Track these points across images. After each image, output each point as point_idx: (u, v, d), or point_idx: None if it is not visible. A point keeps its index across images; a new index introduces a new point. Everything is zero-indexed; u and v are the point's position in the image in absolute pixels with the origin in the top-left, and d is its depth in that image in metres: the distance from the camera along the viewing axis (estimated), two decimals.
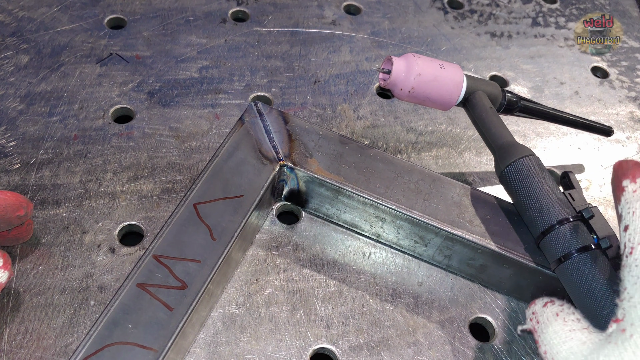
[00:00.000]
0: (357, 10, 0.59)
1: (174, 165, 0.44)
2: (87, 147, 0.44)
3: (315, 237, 0.42)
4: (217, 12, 0.56)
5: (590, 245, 0.34)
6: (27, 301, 0.36)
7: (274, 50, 0.54)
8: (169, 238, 0.35)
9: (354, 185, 0.39)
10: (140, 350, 0.31)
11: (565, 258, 0.34)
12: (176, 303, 0.33)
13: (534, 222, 0.36)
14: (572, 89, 0.56)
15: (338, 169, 0.40)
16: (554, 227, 0.35)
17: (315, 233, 0.42)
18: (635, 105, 0.56)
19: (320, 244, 0.41)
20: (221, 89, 0.50)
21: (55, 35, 0.51)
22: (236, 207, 0.37)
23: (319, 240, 0.42)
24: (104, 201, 0.41)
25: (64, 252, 0.39)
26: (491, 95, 0.42)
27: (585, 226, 0.35)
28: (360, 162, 0.41)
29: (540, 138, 0.51)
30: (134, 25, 0.53)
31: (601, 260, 0.34)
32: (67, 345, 0.35)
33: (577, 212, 0.36)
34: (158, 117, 0.47)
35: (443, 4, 0.62)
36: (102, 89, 0.48)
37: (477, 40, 0.59)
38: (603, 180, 0.49)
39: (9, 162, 0.42)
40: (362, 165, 0.40)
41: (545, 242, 0.36)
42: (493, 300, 0.41)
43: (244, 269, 0.39)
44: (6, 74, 0.48)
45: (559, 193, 0.37)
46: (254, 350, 0.36)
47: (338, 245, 0.42)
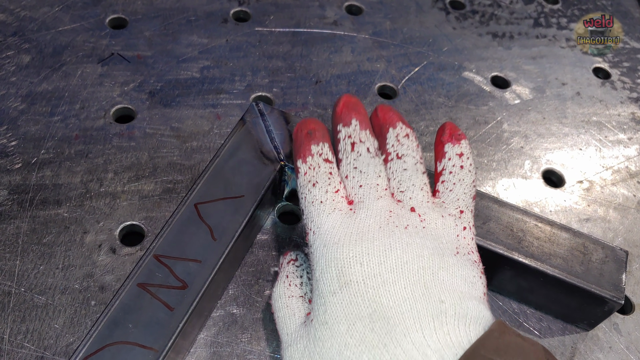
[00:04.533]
0: (359, 10, 0.59)
1: (175, 165, 0.44)
2: (88, 147, 0.44)
3: None
4: (218, 12, 0.56)
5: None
6: (28, 301, 0.36)
7: (275, 50, 0.54)
8: (169, 238, 0.35)
9: None
10: (140, 350, 0.31)
11: None
12: (177, 303, 0.33)
13: None
14: (573, 90, 0.56)
15: None
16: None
17: None
18: (637, 106, 0.56)
19: None
20: (222, 89, 0.50)
21: (56, 35, 0.51)
22: (237, 207, 0.37)
23: None
24: (105, 201, 0.41)
25: (65, 252, 0.39)
26: None
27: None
28: None
29: (542, 139, 0.51)
30: (135, 25, 0.53)
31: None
32: (68, 345, 0.35)
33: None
34: (159, 117, 0.47)
35: (445, 4, 0.62)
36: (103, 89, 0.48)
37: (478, 40, 0.59)
38: (604, 182, 0.49)
39: (10, 162, 0.42)
40: None
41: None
42: (494, 301, 0.41)
43: (244, 269, 0.39)
44: (7, 74, 0.48)
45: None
46: (255, 350, 0.36)
47: None
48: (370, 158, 0.34)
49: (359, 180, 0.34)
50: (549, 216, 0.45)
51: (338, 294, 0.29)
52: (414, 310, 0.27)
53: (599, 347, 0.39)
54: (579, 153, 0.51)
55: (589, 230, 0.45)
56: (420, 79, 0.54)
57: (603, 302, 0.37)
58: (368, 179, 0.33)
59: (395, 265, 0.29)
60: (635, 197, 0.48)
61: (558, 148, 0.51)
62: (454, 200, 0.34)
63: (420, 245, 0.30)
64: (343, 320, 0.28)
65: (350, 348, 0.27)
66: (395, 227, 0.31)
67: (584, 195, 0.48)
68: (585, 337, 0.40)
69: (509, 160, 0.49)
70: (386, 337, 0.27)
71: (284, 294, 0.33)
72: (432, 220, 0.32)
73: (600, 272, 0.38)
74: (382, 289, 0.28)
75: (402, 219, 0.31)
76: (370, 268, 0.29)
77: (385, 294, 0.28)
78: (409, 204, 0.33)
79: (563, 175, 0.49)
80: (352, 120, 0.35)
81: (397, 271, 0.29)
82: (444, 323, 0.27)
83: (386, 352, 0.26)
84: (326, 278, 0.30)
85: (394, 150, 0.35)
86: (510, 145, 0.50)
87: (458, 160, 0.35)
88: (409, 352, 0.26)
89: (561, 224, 0.40)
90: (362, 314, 0.28)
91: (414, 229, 0.31)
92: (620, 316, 0.41)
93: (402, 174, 0.34)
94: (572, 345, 0.39)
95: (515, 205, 0.40)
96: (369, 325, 0.27)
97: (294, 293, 0.33)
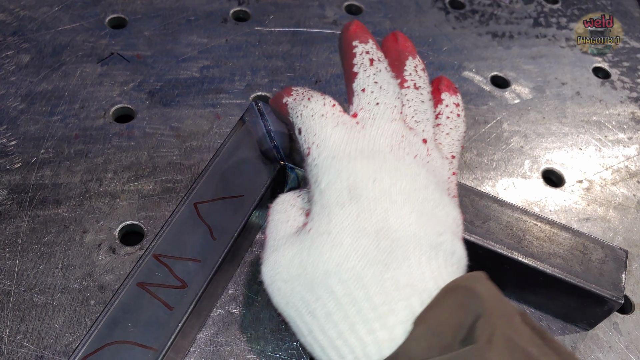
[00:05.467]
0: (359, 10, 0.59)
1: (175, 164, 0.44)
2: (87, 147, 0.44)
3: None
4: (218, 11, 0.56)
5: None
6: (27, 300, 0.36)
7: (275, 50, 0.54)
8: (169, 237, 0.35)
9: None
10: (140, 349, 0.31)
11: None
12: (176, 302, 0.33)
13: None
14: (573, 90, 0.56)
15: None
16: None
17: None
18: (636, 105, 0.56)
19: None
20: (222, 89, 0.50)
21: (56, 35, 0.51)
22: (237, 206, 0.37)
23: None
24: (104, 200, 0.41)
25: (65, 251, 0.39)
26: None
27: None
28: None
29: (542, 138, 0.51)
30: (135, 25, 0.53)
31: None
32: (67, 344, 0.35)
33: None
34: (159, 116, 0.47)
35: (444, 4, 0.62)
36: (103, 89, 0.48)
37: (478, 40, 0.59)
38: (604, 182, 0.49)
39: (10, 162, 0.42)
40: None
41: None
42: None
43: (244, 269, 0.39)
44: (7, 73, 0.48)
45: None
46: (254, 350, 0.36)
47: None
48: (390, 77, 0.33)
49: (377, 96, 0.32)
50: (549, 216, 0.45)
51: (347, 206, 0.28)
52: (416, 237, 0.28)
53: (598, 346, 0.39)
54: (578, 153, 0.51)
55: (588, 230, 0.45)
56: None
57: (603, 301, 0.37)
58: (387, 98, 0.32)
59: (405, 190, 0.29)
60: (635, 197, 0.48)
61: (558, 148, 0.51)
62: (449, 144, 0.34)
63: (426, 178, 0.30)
64: (348, 233, 0.28)
65: (351, 260, 0.27)
66: (406, 154, 0.30)
67: (584, 195, 0.48)
68: (585, 337, 0.40)
69: (509, 159, 0.49)
70: (389, 256, 0.27)
71: (287, 200, 0.33)
72: (436, 157, 0.32)
73: (600, 271, 0.38)
74: (391, 209, 0.28)
75: (413, 148, 0.31)
76: (383, 186, 0.29)
77: (393, 215, 0.28)
78: (421, 135, 0.32)
79: (563, 175, 0.49)
80: (369, 39, 0.34)
81: (406, 196, 0.29)
82: (439, 255, 0.28)
83: (386, 270, 0.27)
84: (335, 189, 0.29)
85: (411, 79, 0.34)
86: (510, 145, 0.50)
87: (455, 109, 0.36)
88: (409, 275, 0.26)
89: (561, 223, 0.40)
90: (369, 230, 0.28)
91: (421, 160, 0.31)
92: (620, 316, 0.41)
93: (419, 105, 0.34)
94: (572, 345, 0.39)
95: (515, 205, 0.40)
96: (374, 242, 0.27)
97: (297, 203, 0.32)
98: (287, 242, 0.30)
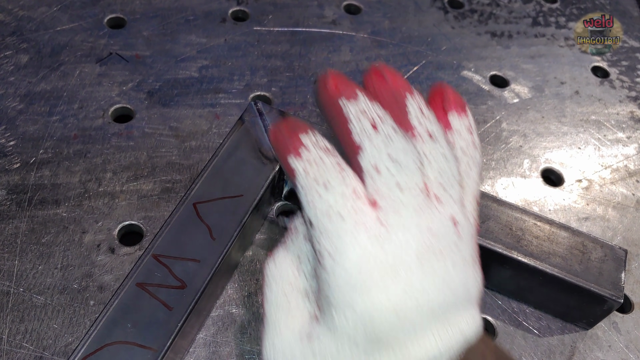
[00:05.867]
0: (357, 9, 0.59)
1: (174, 164, 0.44)
2: (86, 147, 0.44)
3: None
4: (217, 11, 0.56)
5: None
6: (26, 301, 0.36)
7: (274, 49, 0.54)
8: (168, 237, 0.35)
9: None
10: (139, 349, 0.31)
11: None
12: (175, 302, 0.33)
13: None
14: (572, 89, 0.56)
15: None
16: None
17: None
18: (635, 105, 0.56)
19: None
20: (221, 89, 0.50)
21: (55, 35, 0.51)
22: (236, 206, 0.37)
23: None
24: (103, 201, 0.41)
25: (64, 251, 0.38)
26: None
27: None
28: None
29: (541, 138, 0.51)
30: (133, 25, 0.53)
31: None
32: (66, 344, 0.35)
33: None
34: (158, 116, 0.47)
35: (443, 3, 0.62)
36: (101, 89, 0.48)
37: (477, 39, 0.59)
38: (603, 181, 0.49)
39: (9, 162, 0.42)
40: None
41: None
42: (493, 300, 0.41)
43: (243, 269, 0.39)
44: (6, 74, 0.48)
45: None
46: (254, 350, 0.36)
47: None
48: (405, 142, 0.26)
49: (396, 176, 0.26)
50: (548, 215, 0.45)
51: (362, 346, 0.24)
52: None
53: (598, 346, 0.40)
54: (577, 152, 0.51)
55: (588, 229, 0.45)
56: (419, 78, 0.54)
57: (602, 300, 0.37)
58: (408, 176, 0.26)
59: (427, 310, 0.25)
60: (634, 196, 0.48)
61: (557, 147, 0.51)
62: (470, 186, 0.28)
63: (454, 279, 0.26)
64: None
65: None
66: (433, 256, 0.25)
67: (583, 194, 0.48)
68: (585, 336, 0.40)
69: (508, 159, 0.49)
70: None
71: (285, 278, 0.28)
72: (465, 232, 0.27)
73: (599, 270, 0.38)
74: (414, 339, 0.24)
75: (441, 241, 0.26)
76: (406, 317, 0.24)
77: (415, 345, 0.24)
78: (449, 210, 0.26)
79: (562, 174, 0.49)
80: (357, 93, 0.28)
81: (428, 317, 0.25)
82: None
83: None
84: (349, 328, 0.25)
85: (421, 127, 0.28)
86: (509, 144, 0.50)
87: (469, 137, 0.29)
88: None
89: (560, 222, 0.40)
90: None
91: (450, 251, 0.26)
92: (619, 315, 0.41)
93: (442, 162, 0.27)
94: (571, 344, 0.39)
95: (514, 204, 0.40)
96: None
97: (297, 284, 0.28)
98: (293, 339, 0.26)
